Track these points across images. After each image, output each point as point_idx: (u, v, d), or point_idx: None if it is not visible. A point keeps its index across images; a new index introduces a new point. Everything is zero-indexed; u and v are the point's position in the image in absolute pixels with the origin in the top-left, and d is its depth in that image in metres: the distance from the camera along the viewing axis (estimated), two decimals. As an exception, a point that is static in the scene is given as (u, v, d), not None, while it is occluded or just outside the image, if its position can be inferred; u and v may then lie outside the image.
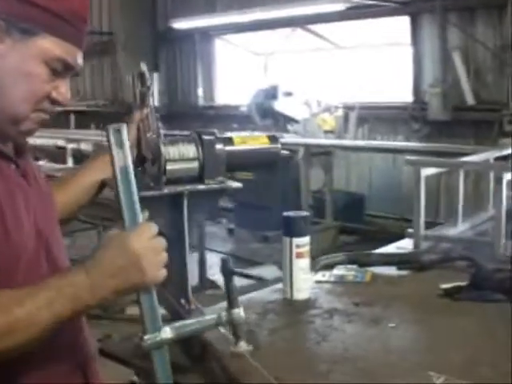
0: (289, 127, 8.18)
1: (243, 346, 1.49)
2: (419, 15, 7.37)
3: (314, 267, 2.45)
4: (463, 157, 3.08)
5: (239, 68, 10.11)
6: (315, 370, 1.58)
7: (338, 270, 2.39)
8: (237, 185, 1.84)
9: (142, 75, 2.04)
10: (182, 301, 1.87)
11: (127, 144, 1.30)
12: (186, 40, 10.30)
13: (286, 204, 7.61)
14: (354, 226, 7.80)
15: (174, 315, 1.86)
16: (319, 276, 2.35)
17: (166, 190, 1.77)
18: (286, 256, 2.10)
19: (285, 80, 8.53)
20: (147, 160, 1.83)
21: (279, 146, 1.89)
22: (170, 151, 1.79)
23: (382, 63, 8.29)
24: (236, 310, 1.44)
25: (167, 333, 1.34)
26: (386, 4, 7.43)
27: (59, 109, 1.44)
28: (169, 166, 1.77)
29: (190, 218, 1.82)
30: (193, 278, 5.90)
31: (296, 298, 2.10)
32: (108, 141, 1.30)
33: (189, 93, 10.65)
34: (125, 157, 1.29)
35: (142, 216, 1.33)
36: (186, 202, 1.79)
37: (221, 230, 8.78)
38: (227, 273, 1.48)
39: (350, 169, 8.31)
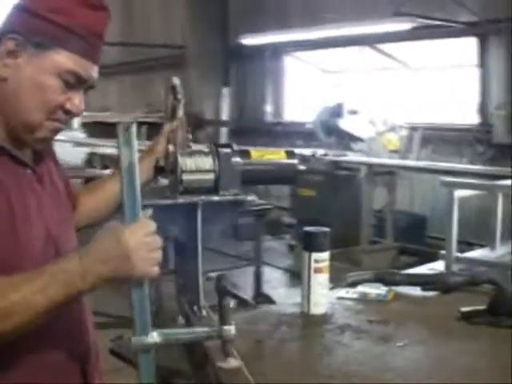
0: (353, 146, 8.16)
1: (232, 362, 1.52)
2: (486, 37, 7.26)
3: (342, 283, 2.47)
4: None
5: (307, 85, 10.15)
6: (306, 381, 1.61)
7: (363, 288, 2.39)
8: (251, 198, 1.87)
9: (173, 88, 2.10)
10: (195, 307, 1.92)
11: (135, 143, 1.35)
12: (256, 56, 10.40)
13: (347, 222, 7.60)
14: (415, 248, 7.70)
15: (187, 321, 1.92)
16: (343, 292, 2.37)
17: (180, 200, 1.83)
18: (305, 270, 2.12)
19: (352, 98, 8.51)
20: (166, 170, 1.89)
21: (296, 161, 1.92)
22: (187, 162, 1.84)
23: (448, 84, 8.19)
24: (226, 327, 1.47)
25: (154, 338, 1.39)
26: (454, 25, 7.36)
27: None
28: (185, 177, 1.83)
29: (205, 229, 1.87)
30: (248, 292, 5.97)
31: (313, 313, 2.12)
32: (117, 138, 1.35)
33: (258, 108, 10.74)
34: (131, 154, 1.34)
35: (144, 213, 1.38)
36: (200, 212, 1.84)
37: (282, 246, 8.83)
38: (221, 290, 1.52)
39: (413, 189, 8.22)
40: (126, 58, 13.89)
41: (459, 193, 2.64)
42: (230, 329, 1.48)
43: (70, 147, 8.42)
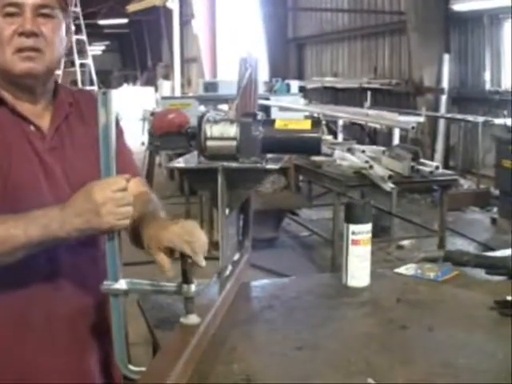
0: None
1: (192, 318, 1.60)
2: None
3: (413, 259, 2.43)
4: None
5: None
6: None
7: (426, 265, 2.33)
8: (271, 167, 1.90)
9: None
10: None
11: (112, 106, 1.49)
12: (475, 21, 9.94)
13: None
14: None
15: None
16: (402, 269, 2.33)
17: (203, 164, 1.93)
18: (344, 242, 2.12)
19: None
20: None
21: (320, 132, 1.92)
22: (213, 129, 1.93)
23: None
24: (186, 285, 1.56)
25: (122, 284, 1.55)
26: None
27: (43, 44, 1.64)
28: (208, 143, 1.92)
29: (232, 193, 1.95)
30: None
31: (351, 285, 2.12)
32: (97, 101, 1.50)
33: (477, 76, 10.29)
34: (107, 116, 1.49)
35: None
36: (220, 177, 1.92)
37: (488, 219, 8.48)
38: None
39: None
40: (355, 24, 14.01)
41: None
42: (190, 287, 1.57)
43: (276, 111, 8.72)
